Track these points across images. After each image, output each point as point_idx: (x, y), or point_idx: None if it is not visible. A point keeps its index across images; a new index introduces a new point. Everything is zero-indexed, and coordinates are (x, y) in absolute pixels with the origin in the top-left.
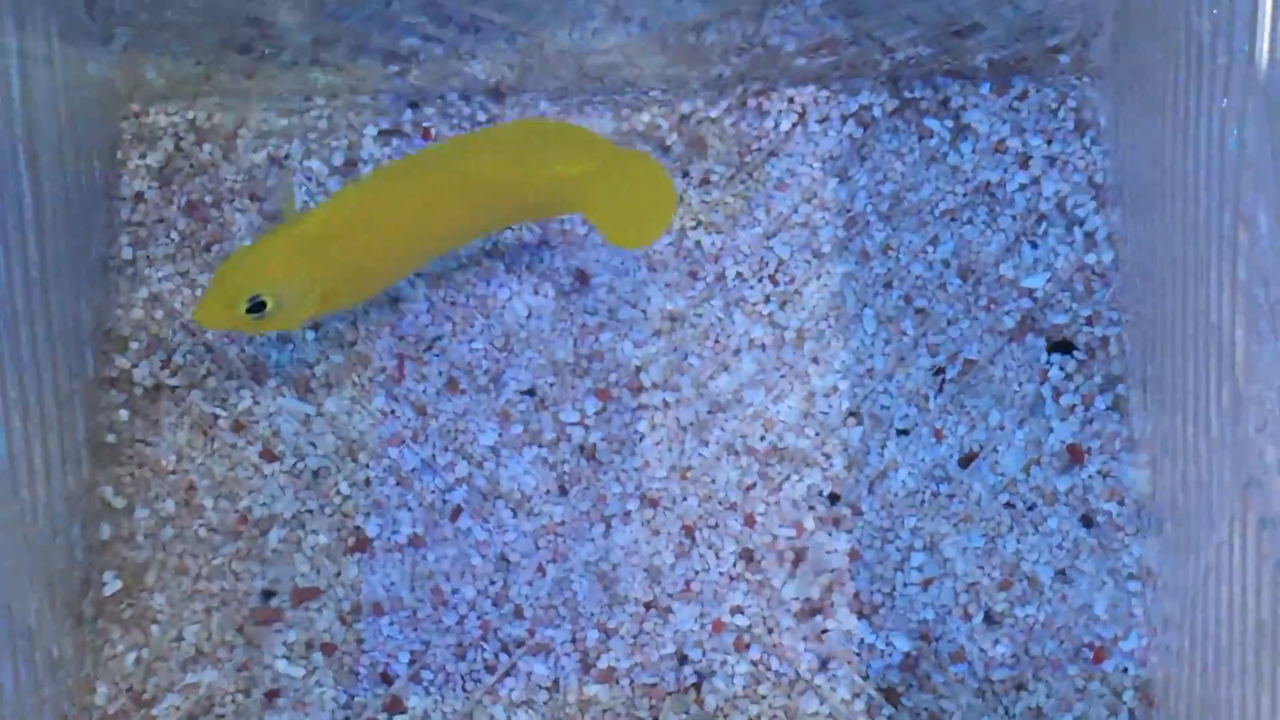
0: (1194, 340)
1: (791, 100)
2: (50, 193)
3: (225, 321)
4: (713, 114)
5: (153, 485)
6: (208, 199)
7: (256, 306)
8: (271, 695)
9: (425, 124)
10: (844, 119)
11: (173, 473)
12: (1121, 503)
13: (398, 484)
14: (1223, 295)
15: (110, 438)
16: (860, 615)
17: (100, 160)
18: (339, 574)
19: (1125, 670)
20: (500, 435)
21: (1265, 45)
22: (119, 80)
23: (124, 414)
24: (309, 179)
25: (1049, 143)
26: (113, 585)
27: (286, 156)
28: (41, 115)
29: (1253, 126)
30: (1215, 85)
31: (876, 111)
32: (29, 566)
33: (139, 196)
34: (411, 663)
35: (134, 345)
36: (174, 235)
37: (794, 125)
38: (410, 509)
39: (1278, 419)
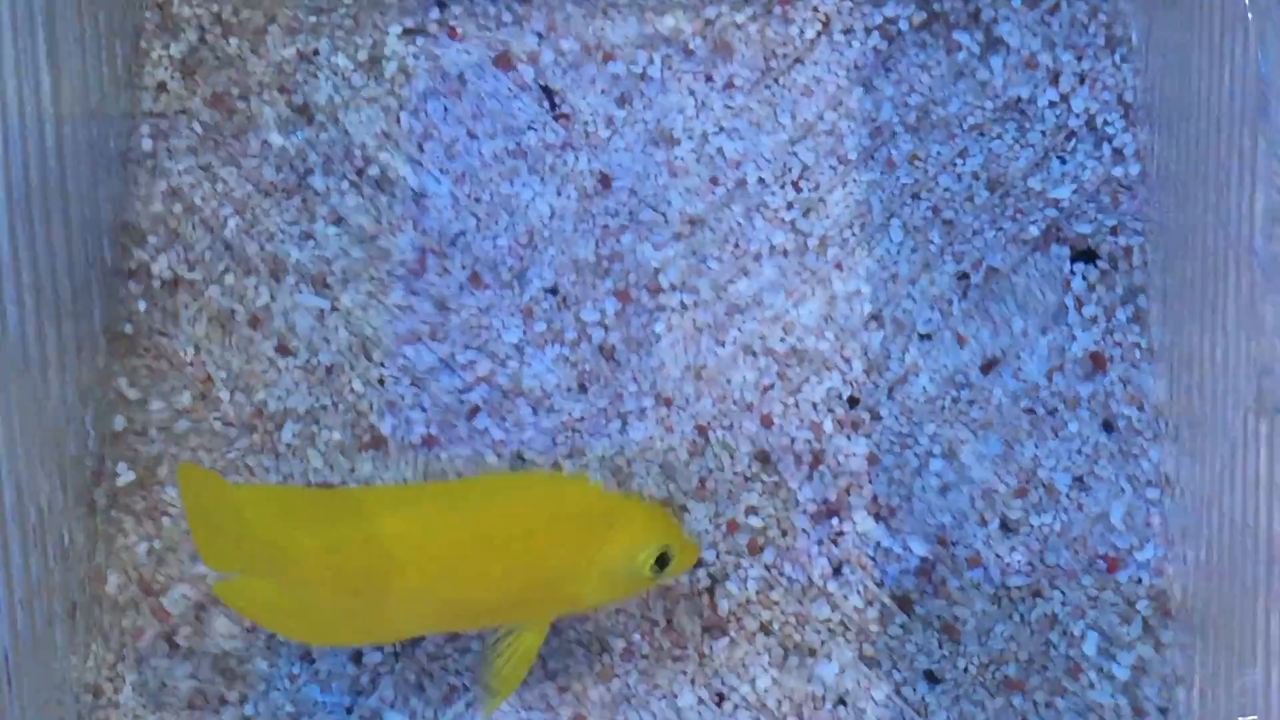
0: (1214, 251)
1: (815, 9)
2: (69, 77)
3: None
4: (738, 19)
5: (169, 377)
6: (234, 91)
7: None
8: None
9: (452, 23)
10: (868, 31)
11: (190, 364)
12: (1141, 408)
13: (412, 383)
14: (1243, 207)
15: (128, 328)
16: (877, 518)
17: (123, 48)
18: (353, 470)
19: (1139, 580)
20: (524, 333)
21: None
22: None
23: (142, 304)
24: (335, 74)
25: (1079, 59)
26: (126, 476)
27: (315, 52)
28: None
29: (1275, 41)
30: None
31: (903, 24)
32: (41, 448)
33: (161, 87)
34: None
35: (152, 239)
36: (196, 127)
37: (818, 34)
38: (424, 409)
39: None
